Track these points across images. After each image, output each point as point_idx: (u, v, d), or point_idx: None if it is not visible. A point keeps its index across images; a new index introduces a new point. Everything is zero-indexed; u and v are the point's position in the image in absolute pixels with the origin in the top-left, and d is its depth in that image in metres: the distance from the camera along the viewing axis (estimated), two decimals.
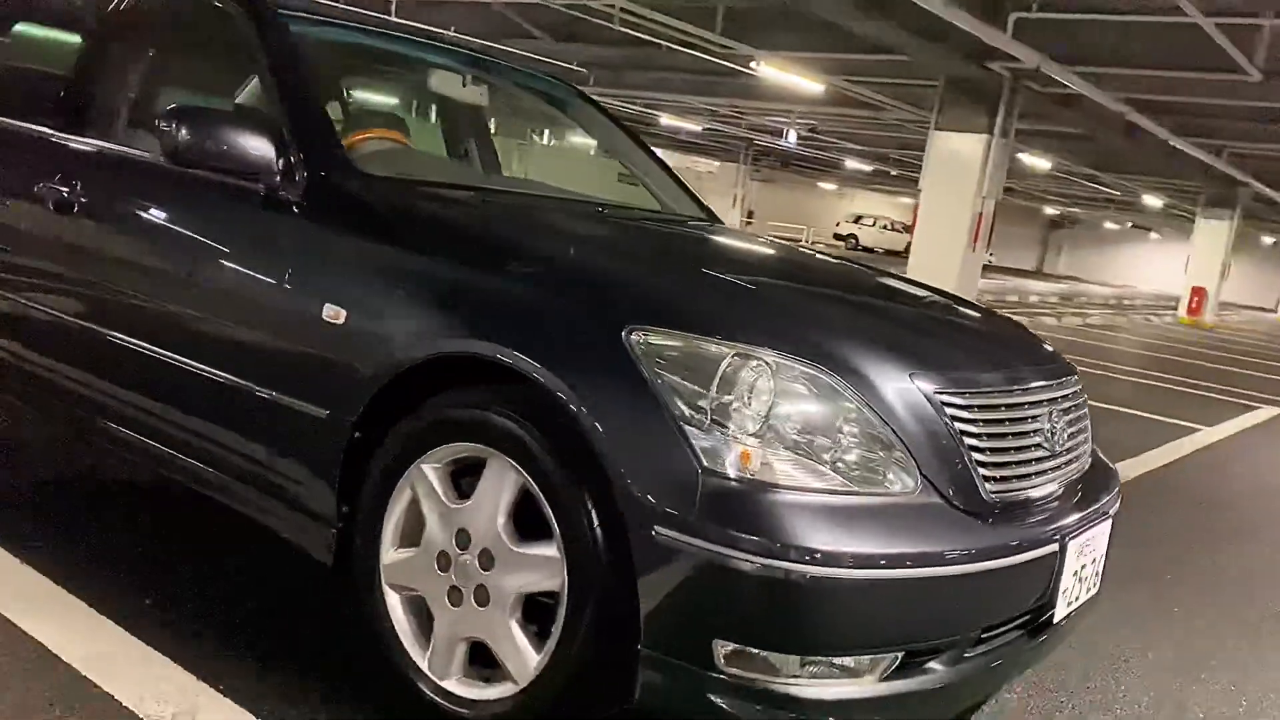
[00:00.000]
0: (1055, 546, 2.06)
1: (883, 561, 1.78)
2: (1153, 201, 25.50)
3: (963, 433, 1.96)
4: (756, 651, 1.76)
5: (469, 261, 2.15)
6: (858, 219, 42.42)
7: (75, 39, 3.00)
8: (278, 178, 2.36)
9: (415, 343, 2.08)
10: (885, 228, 41.12)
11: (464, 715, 2.03)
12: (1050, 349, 2.54)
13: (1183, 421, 7.57)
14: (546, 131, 6.32)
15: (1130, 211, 34.82)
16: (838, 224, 42.31)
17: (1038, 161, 18.23)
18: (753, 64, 11.69)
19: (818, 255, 3.16)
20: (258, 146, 2.35)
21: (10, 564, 2.53)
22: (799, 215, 42.18)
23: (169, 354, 2.48)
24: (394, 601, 2.14)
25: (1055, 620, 2.13)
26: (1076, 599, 2.20)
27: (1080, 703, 2.65)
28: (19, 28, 3.28)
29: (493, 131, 3.64)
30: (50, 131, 2.92)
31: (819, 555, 1.72)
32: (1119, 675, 2.84)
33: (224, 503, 2.48)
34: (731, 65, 12.98)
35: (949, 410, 1.96)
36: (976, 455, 1.98)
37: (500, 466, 1.98)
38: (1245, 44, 9.22)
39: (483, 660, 2.06)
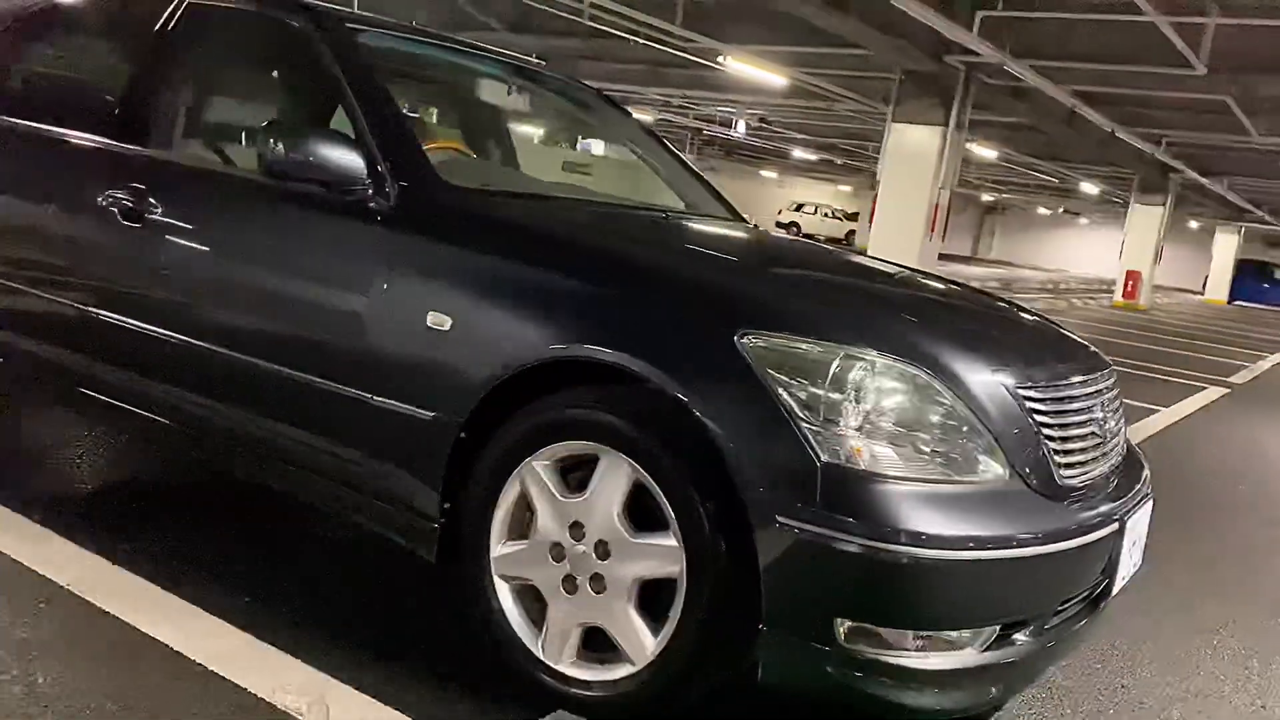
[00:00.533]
0: (1116, 525, 2.26)
1: (981, 543, 1.95)
2: (1089, 188, 26.21)
3: (1039, 423, 2.15)
4: (874, 628, 1.92)
5: (575, 270, 2.27)
6: (799, 207, 42.85)
7: (132, 52, 3.03)
8: (369, 189, 2.46)
9: (527, 347, 2.20)
10: (826, 215, 41.65)
11: (580, 696, 2.17)
12: (1091, 346, 2.73)
13: (1140, 403, 7.89)
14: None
15: (1063, 197, 35.72)
16: (779, 211, 42.66)
17: (984, 151, 18.68)
18: (720, 58, 11.86)
19: (876, 259, 3.32)
20: (348, 159, 2.45)
21: (105, 567, 2.60)
22: (741, 203, 42.34)
23: (262, 362, 2.56)
24: (504, 592, 2.27)
25: (1113, 592, 2.33)
26: (1128, 573, 2.41)
27: (1112, 667, 2.86)
28: (71, 39, 3.32)
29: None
30: (109, 142, 2.97)
31: (927, 538, 1.89)
32: (1140, 644, 3.07)
33: (319, 505, 2.58)
34: (695, 59, 13.13)
35: (1028, 403, 2.14)
36: (1051, 444, 2.16)
37: (614, 462, 2.11)
38: (1192, 39, 9.60)
39: (592, 644, 2.20)
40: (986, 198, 43.50)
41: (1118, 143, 15.97)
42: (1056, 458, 2.16)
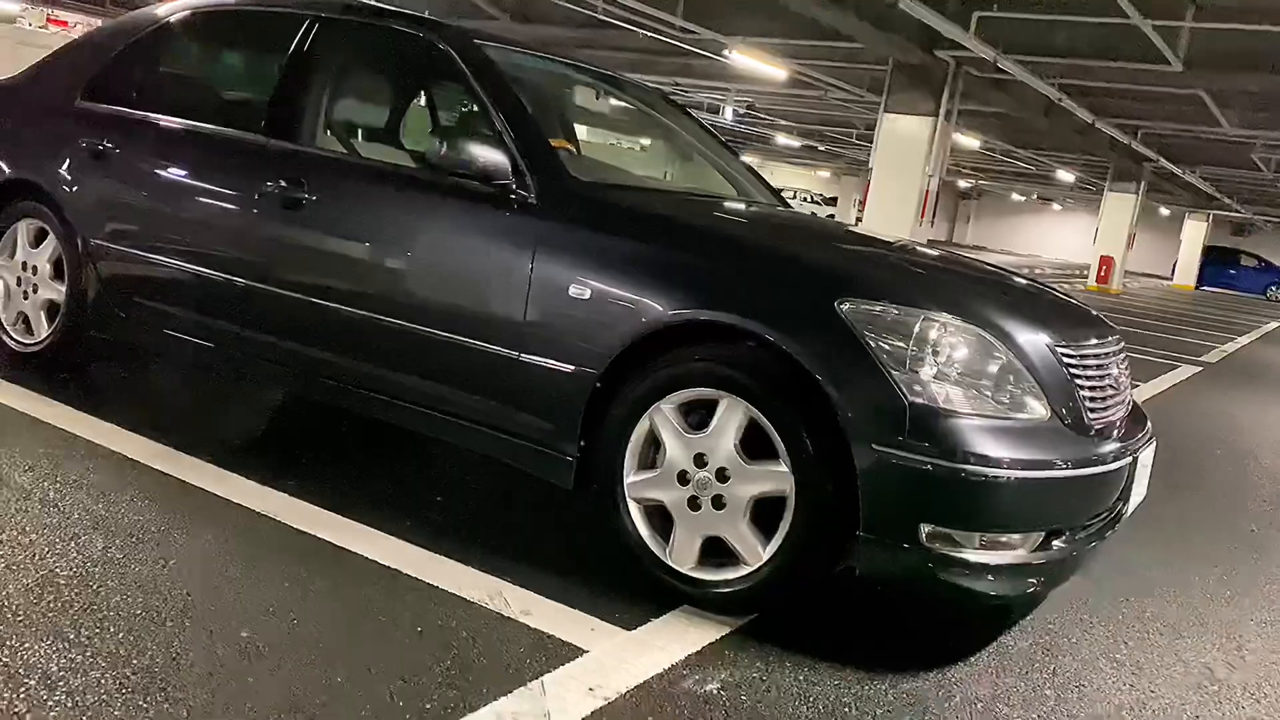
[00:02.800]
0: (1130, 459, 2.80)
1: (1032, 465, 2.49)
2: (1064, 176, 26.94)
3: (1073, 375, 2.69)
4: (949, 530, 2.45)
5: (697, 248, 2.81)
6: (779, 191, 43.36)
7: (282, 63, 3.49)
8: (512, 183, 2.96)
9: (659, 312, 2.70)
10: (806, 200, 42.27)
11: (702, 593, 2.69)
12: (1102, 316, 3.27)
13: None
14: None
15: (1037, 184, 36.48)
16: None
17: (967, 140, 19.26)
18: (726, 52, 12.35)
19: (924, 244, 3.85)
20: (497, 157, 2.95)
21: (283, 498, 3.08)
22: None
23: (418, 326, 3.05)
24: (635, 511, 2.77)
25: (1126, 514, 2.88)
26: (1137, 500, 2.95)
27: (1130, 588, 3.42)
28: (225, 51, 3.78)
29: None
30: (263, 139, 3.44)
31: (992, 460, 2.42)
32: (1151, 569, 3.63)
33: (464, 446, 3.08)
34: (690, 48, 13.61)
35: (1064, 358, 2.67)
36: (1080, 391, 2.70)
37: (732, 404, 2.62)
38: (1170, 38, 10.20)
39: (707, 553, 2.71)
40: (962, 184, 44.23)
41: (1094, 132, 16.62)
42: (1085, 402, 2.70)
